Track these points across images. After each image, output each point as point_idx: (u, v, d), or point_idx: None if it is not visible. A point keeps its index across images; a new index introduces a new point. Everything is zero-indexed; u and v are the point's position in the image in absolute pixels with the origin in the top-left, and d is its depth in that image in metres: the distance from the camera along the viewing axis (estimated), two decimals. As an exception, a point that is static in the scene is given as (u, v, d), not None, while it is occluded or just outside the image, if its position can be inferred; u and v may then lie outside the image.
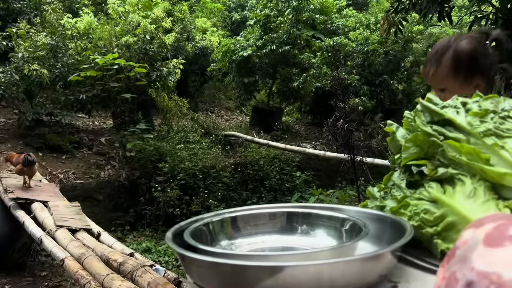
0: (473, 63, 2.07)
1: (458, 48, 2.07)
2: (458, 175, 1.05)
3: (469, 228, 0.62)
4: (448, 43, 2.11)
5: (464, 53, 2.06)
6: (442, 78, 2.07)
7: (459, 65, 2.06)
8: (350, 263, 0.80)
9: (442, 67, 2.08)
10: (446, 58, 2.07)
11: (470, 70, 2.07)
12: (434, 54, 2.12)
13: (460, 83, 2.06)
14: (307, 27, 11.59)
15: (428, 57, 2.16)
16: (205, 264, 0.85)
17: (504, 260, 0.53)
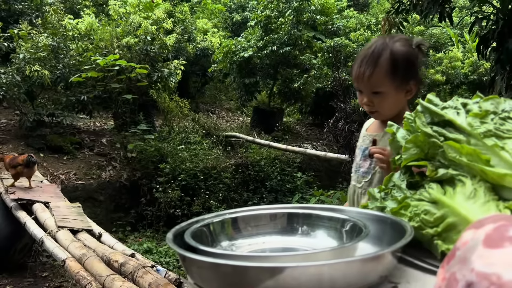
0: (410, 66, 1.97)
1: (395, 49, 1.94)
2: (459, 176, 1.05)
3: (469, 229, 0.63)
4: (383, 43, 1.95)
5: (402, 55, 1.94)
6: (379, 81, 1.91)
7: (397, 67, 1.92)
8: (351, 264, 0.80)
9: (380, 68, 1.91)
10: (383, 59, 1.92)
11: (407, 73, 1.95)
12: (370, 55, 1.93)
13: (396, 86, 1.93)
14: (308, 28, 11.59)
15: (361, 57, 1.97)
16: (206, 265, 0.85)
17: (504, 261, 0.53)
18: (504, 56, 5.01)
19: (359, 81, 1.95)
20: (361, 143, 2.18)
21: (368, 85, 1.93)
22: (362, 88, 1.96)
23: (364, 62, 1.93)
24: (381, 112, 1.99)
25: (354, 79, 1.98)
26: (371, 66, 1.91)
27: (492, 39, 5.28)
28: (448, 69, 11.65)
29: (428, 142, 1.12)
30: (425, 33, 11.90)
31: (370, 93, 1.94)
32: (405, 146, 1.16)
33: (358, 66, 1.95)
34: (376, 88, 1.92)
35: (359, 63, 1.95)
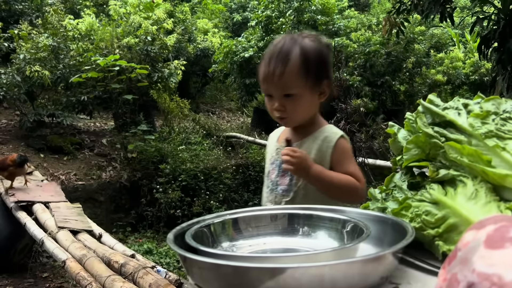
0: (322, 63, 1.76)
1: (306, 45, 1.73)
2: (460, 176, 1.05)
3: (470, 229, 0.62)
4: (292, 39, 1.76)
5: (313, 51, 1.74)
6: (292, 81, 1.69)
7: (309, 65, 1.71)
8: (352, 264, 0.80)
9: (291, 66, 1.69)
10: (294, 55, 1.70)
11: (319, 71, 1.74)
12: (278, 52, 1.72)
13: (310, 87, 1.73)
14: (308, 28, 11.58)
15: (269, 55, 1.74)
16: (207, 265, 0.85)
17: (505, 261, 0.53)
18: (505, 56, 5.02)
19: (269, 83, 1.72)
20: (274, 157, 1.89)
21: (279, 86, 1.71)
22: (272, 90, 1.73)
23: (273, 61, 1.71)
24: (293, 118, 1.78)
25: (263, 81, 1.75)
26: (282, 64, 1.69)
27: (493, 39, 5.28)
28: (449, 69, 11.65)
29: (429, 142, 1.12)
30: (426, 33, 11.89)
31: (282, 96, 1.71)
32: (406, 147, 1.16)
33: (267, 65, 1.72)
34: (288, 89, 1.70)
35: (267, 62, 1.73)
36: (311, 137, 1.81)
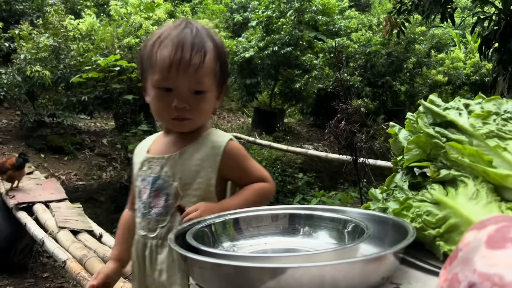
0: (227, 65, 1.57)
1: (218, 41, 1.51)
2: (461, 177, 1.05)
3: (471, 230, 0.62)
4: (203, 29, 1.49)
5: (223, 49, 1.53)
6: (207, 75, 1.44)
7: (221, 63, 1.50)
8: (353, 264, 0.80)
9: (208, 59, 1.44)
10: (209, 48, 1.45)
11: (225, 73, 1.54)
12: (192, 39, 1.42)
13: (216, 87, 1.51)
14: (309, 29, 11.59)
15: (177, 39, 1.42)
16: (208, 265, 0.85)
17: (506, 262, 0.53)
18: (506, 56, 5.02)
19: (179, 72, 1.40)
20: (146, 172, 1.54)
21: (192, 79, 1.42)
22: (178, 83, 1.41)
23: (186, 48, 1.40)
24: (197, 120, 1.49)
25: (167, 69, 1.40)
26: (199, 54, 1.41)
27: (494, 40, 5.28)
28: (450, 69, 11.65)
29: (430, 143, 1.12)
30: (427, 34, 11.89)
31: (189, 92, 1.43)
32: (407, 147, 1.16)
33: (179, 51, 1.40)
34: (201, 85, 1.43)
35: (175, 48, 1.40)
36: (194, 144, 1.52)
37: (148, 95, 1.51)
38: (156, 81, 1.43)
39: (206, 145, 1.51)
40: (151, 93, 1.47)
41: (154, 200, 1.51)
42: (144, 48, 1.51)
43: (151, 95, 1.48)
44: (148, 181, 1.52)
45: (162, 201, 1.49)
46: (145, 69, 1.49)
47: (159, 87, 1.44)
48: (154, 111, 1.49)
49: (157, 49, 1.43)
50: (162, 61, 1.41)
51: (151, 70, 1.45)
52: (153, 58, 1.44)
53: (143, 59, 1.50)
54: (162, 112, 1.47)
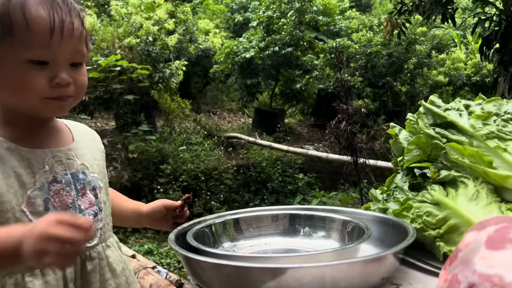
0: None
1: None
2: (461, 177, 1.05)
3: (471, 230, 0.63)
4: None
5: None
6: (82, 42, 1.13)
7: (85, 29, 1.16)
8: (353, 265, 0.80)
9: (79, 22, 1.12)
10: (76, 9, 1.13)
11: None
12: (59, 2, 1.08)
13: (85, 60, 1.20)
14: (310, 29, 11.58)
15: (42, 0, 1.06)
16: (208, 265, 0.85)
17: (506, 262, 0.53)
18: (507, 57, 5.01)
19: (63, 40, 1.06)
20: (57, 170, 1.14)
21: (73, 48, 1.10)
22: (60, 53, 1.07)
23: (62, 5, 1.08)
24: (76, 100, 1.17)
25: (47, 35, 1.04)
26: (70, 14, 1.09)
27: (495, 40, 5.28)
28: (451, 70, 11.63)
29: (431, 143, 1.12)
30: (428, 34, 11.87)
31: (67, 65, 1.10)
32: (408, 148, 1.16)
33: (58, 11, 1.06)
34: (80, 55, 1.12)
35: (54, 5, 1.06)
36: (82, 136, 1.28)
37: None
38: (28, 52, 1.04)
39: (82, 133, 1.29)
40: (10, 69, 1.06)
41: (82, 200, 1.17)
42: None
43: (10, 72, 1.06)
44: (66, 180, 1.15)
45: (92, 198, 1.20)
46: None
47: (30, 60, 1.05)
48: (17, 93, 1.07)
49: (22, 6, 1.04)
50: (38, 25, 1.04)
51: (11, 37, 1.04)
52: (15, 19, 1.03)
53: None
54: (33, 92, 1.06)
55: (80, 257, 1.12)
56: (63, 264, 0.84)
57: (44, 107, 1.10)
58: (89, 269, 1.14)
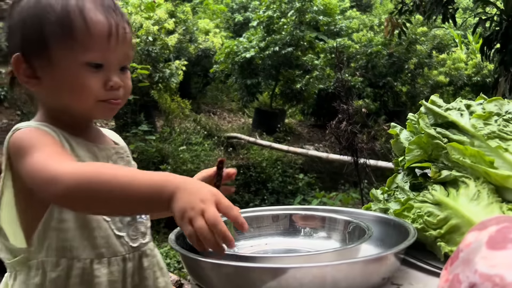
0: None
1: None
2: (462, 177, 1.05)
3: (472, 230, 0.62)
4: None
5: None
6: (131, 48, 1.18)
7: None
8: (353, 265, 0.80)
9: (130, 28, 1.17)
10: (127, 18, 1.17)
11: None
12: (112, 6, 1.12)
13: None
14: (310, 29, 11.57)
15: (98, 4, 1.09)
16: (208, 265, 0.85)
17: (507, 262, 0.53)
18: (508, 57, 5.01)
19: (119, 44, 1.11)
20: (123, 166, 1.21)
21: (124, 52, 1.14)
22: (113, 57, 1.11)
23: (116, 10, 1.12)
24: (123, 103, 1.18)
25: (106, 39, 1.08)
26: (124, 20, 1.14)
27: (495, 41, 5.28)
28: (452, 70, 11.62)
29: (432, 143, 1.12)
30: (428, 34, 11.87)
31: (118, 68, 1.14)
32: (409, 148, 1.16)
33: (113, 15, 1.10)
34: (129, 59, 1.17)
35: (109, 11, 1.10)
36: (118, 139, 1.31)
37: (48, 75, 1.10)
38: (87, 55, 1.07)
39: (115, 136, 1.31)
40: (67, 71, 1.08)
41: None
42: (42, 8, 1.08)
43: (67, 74, 1.08)
44: None
45: None
46: (48, 38, 1.07)
47: (88, 63, 1.08)
48: (72, 94, 1.09)
49: (81, 10, 1.07)
50: (98, 29, 1.07)
51: (72, 39, 1.06)
52: (76, 23, 1.06)
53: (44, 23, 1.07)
54: (88, 95, 1.09)
55: (137, 253, 1.16)
56: (200, 244, 0.81)
57: (97, 109, 1.12)
58: (145, 265, 1.18)
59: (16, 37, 1.11)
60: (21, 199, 1.07)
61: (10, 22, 1.13)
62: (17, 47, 1.10)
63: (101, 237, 1.08)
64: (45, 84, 1.10)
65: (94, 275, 1.07)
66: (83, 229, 1.07)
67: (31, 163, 0.96)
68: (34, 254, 1.06)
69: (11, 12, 1.12)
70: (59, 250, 1.05)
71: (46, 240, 1.05)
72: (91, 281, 1.06)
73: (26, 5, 1.09)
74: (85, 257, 1.06)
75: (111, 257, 1.10)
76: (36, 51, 1.08)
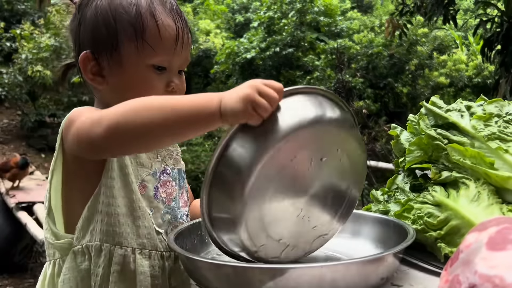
0: None
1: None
2: (462, 178, 1.04)
3: (472, 231, 0.62)
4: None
5: None
6: (189, 52, 1.18)
7: None
8: (351, 265, 0.80)
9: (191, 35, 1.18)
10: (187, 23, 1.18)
11: None
12: (176, 5, 1.15)
13: None
14: (311, 30, 11.59)
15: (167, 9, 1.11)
16: (207, 266, 0.85)
17: (507, 263, 0.53)
18: (509, 59, 5.02)
19: (183, 48, 1.13)
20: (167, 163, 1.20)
21: (185, 56, 1.15)
22: (176, 60, 1.12)
23: (177, 16, 1.13)
24: None
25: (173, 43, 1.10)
26: (186, 24, 1.16)
27: (496, 42, 5.28)
28: (452, 71, 11.63)
29: (432, 144, 1.11)
30: (429, 35, 11.88)
31: (177, 71, 1.15)
32: (409, 149, 1.15)
33: (179, 19, 1.13)
34: (186, 63, 1.18)
35: (176, 15, 1.13)
36: None
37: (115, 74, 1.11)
38: (155, 57, 1.09)
39: None
40: (135, 71, 1.10)
41: (181, 197, 1.20)
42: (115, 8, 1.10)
43: (134, 74, 1.10)
44: (172, 174, 1.19)
45: (186, 198, 1.23)
46: (120, 38, 1.09)
47: (153, 65, 1.10)
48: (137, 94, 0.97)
49: (153, 13, 1.09)
50: (168, 33, 1.09)
51: (143, 40, 1.07)
52: (148, 25, 1.08)
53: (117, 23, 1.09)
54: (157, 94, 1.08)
55: (173, 253, 1.12)
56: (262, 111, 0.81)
57: None
58: (182, 268, 1.12)
59: (86, 35, 1.13)
60: (69, 181, 1.08)
61: (79, 21, 1.15)
62: (86, 45, 1.12)
63: (144, 227, 1.08)
64: (110, 82, 1.12)
65: (137, 264, 1.06)
66: (128, 216, 1.07)
67: (76, 125, 0.96)
68: (78, 240, 1.06)
69: (81, 10, 1.15)
70: (103, 234, 1.05)
71: (91, 224, 1.05)
72: (133, 270, 1.06)
73: (99, 4, 1.11)
74: (127, 245, 1.06)
75: (152, 250, 1.09)
76: (107, 50, 1.09)
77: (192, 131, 0.92)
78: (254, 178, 0.78)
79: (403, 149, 1.20)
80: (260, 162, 0.78)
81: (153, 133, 0.88)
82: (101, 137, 0.89)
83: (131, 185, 1.08)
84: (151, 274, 1.08)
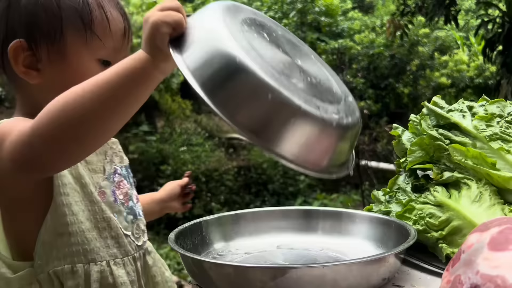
0: None
1: None
2: (464, 179, 1.04)
3: (474, 232, 0.62)
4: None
5: None
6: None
7: None
8: (352, 266, 0.80)
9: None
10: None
11: None
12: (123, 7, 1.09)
13: None
14: (312, 30, 11.58)
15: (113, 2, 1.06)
16: (208, 265, 0.85)
17: (509, 263, 0.53)
18: (510, 59, 5.02)
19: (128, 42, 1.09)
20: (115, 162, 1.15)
21: (127, 51, 1.10)
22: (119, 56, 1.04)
23: (127, 15, 1.10)
24: None
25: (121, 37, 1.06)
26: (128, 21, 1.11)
27: (498, 43, 5.28)
28: (454, 72, 11.62)
29: (434, 145, 1.11)
30: (431, 36, 11.87)
31: None
32: (410, 149, 1.15)
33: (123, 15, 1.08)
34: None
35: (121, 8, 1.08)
36: None
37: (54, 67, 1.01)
38: (103, 51, 1.02)
39: None
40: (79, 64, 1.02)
41: (134, 195, 1.16)
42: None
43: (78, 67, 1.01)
44: (122, 173, 1.14)
45: (136, 194, 1.18)
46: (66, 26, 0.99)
47: (99, 59, 1.03)
48: None
49: (100, 4, 1.02)
50: (117, 27, 1.04)
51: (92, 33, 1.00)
52: (97, 17, 1.01)
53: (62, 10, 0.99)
54: None
55: (141, 251, 1.12)
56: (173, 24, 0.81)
57: None
58: (150, 263, 1.15)
59: (18, 20, 1.00)
60: (9, 210, 0.99)
61: (8, 2, 1.01)
62: (18, 32, 0.99)
63: (111, 237, 1.04)
64: (47, 77, 1.01)
65: (115, 276, 1.03)
66: (93, 230, 1.01)
67: (8, 145, 0.86)
68: (41, 267, 0.98)
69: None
70: (73, 255, 0.99)
71: (53, 250, 0.98)
72: (113, 283, 1.02)
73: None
74: (100, 259, 1.01)
75: (124, 257, 1.06)
76: (47, 39, 0.99)
77: (136, 93, 0.87)
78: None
79: (405, 149, 1.19)
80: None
81: (100, 115, 0.81)
82: (45, 147, 0.82)
83: (91, 196, 1.02)
84: (130, 280, 1.06)
